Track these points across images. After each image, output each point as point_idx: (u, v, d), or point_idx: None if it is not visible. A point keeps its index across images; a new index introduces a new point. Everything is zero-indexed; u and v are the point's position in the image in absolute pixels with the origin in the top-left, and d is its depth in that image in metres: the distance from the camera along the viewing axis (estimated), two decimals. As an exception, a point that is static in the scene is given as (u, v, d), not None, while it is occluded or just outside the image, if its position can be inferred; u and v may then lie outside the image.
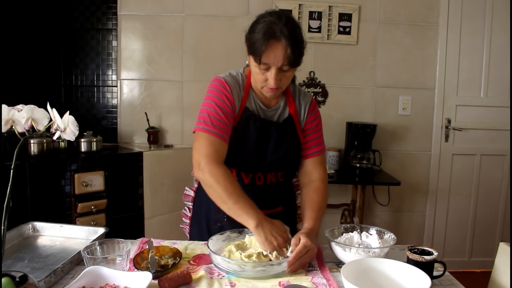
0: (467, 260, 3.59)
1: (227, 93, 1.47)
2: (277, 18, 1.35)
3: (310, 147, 1.61)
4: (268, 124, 1.53)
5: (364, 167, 3.19)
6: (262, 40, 1.33)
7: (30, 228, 1.54)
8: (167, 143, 3.34)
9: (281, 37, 1.33)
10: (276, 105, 1.57)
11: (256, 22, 1.40)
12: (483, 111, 3.43)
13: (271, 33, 1.34)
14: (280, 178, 1.59)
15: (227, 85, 1.48)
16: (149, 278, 1.10)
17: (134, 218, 2.96)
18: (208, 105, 1.46)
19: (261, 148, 1.51)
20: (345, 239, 1.42)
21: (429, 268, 1.22)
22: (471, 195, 3.53)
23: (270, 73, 1.39)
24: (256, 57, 1.36)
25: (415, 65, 3.38)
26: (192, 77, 3.30)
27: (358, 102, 3.39)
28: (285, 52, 1.34)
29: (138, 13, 3.25)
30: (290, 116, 1.57)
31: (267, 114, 1.55)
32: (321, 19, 3.26)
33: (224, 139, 1.43)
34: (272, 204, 1.44)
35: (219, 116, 1.44)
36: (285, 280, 1.22)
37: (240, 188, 1.39)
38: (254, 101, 1.54)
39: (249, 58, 1.44)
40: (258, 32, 1.35)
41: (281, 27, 1.33)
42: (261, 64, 1.37)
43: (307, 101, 1.62)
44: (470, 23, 3.34)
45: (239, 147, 1.50)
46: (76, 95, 3.31)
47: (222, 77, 1.51)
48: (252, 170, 1.54)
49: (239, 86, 1.52)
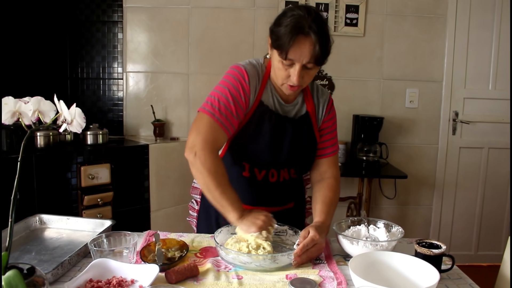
0: (474, 254, 3.58)
1: (245, 84, 1.41)
2: (307, 13, 1.30)
3: (326, 147, 1.58)
4: (284, 119, 1.48)
5: (371, 160, 3.18)
6: (290, 34, 1.27)
7: (37, 220, 1.55)
8: (173, 135, 3.33)
9: (310, 32, 1.28)
10: (295, 101, 1.53)
11: (283, 15, 1.33)
12: (491, 104, 3.40)
13: (299, 27, 1.28)
14: (293, 175, 1.56)
15: (246, 75, 1.42)
16: (156, 270, 1.09)
17: (140, 211, 2.97)
18: (220, 90, 1.40)
19: (276, 144, 1.46)
20: (352, 232, 1.41)
21: (437, 261, 1.21)
22: (478, 188, 3.51)
23: (294, 70, 1.33)
24: (282, 52, 1.30)
25: (423, 57, 3.35)
26: (198, 70, 3.29)
27: (365, 94, 3.37)
28: (313, 49, 1.29)
29: (143, 5, 3.24)
30: (307, 114, 1.53)
31: (285, 109, 1.50)
32: (328, 11, 3.23)
33: (226, 130, 1.39)
34: (284, 200, 1.42)
35: (229, 105, 1.38)
36: (292, 273, 1.21)
37: (227, 180, 1.37)
38: (272, 95, 1.48)
39: (271, 52, 1.38)
40: (285, 26, 1.29)
41: (310, 22, 1.28)
42: (286, 60, 1.31)
43: (325, 99, 1.58)
44: (479, 15, 3.30)
45: (253, 142, 1.46)
46: (82, 87, 3.31)
47: (242, 65, 1.45)
48: (266, 167, 1.50)
49: (258, 76, 1.46)
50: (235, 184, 1.42)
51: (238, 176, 1.50)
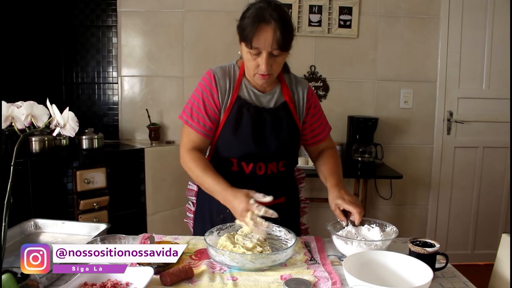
0: (470, 253, 3.58)
1: (212, 86, 1.53)
2: (267, 4, 1.40)
3: (318, 134, 1.68)
4: (262, 110, 1.56)
5: (366, 161, 3.19)
6: (252, 24, 1.38)
7: (32, 225, 1.54)
8: (168, 139, 3.33)
9: (270, 20, 1.37)
10: (272, 90, 1.59)
11: (247, 10, 1.44)
12: (485, 104, 3.42)
13: (260, 16, 1.38)
14: (281, 168, 1.60)
15: (213, 77, 1.54)
16: (150, 273, 1.10)
17: (136, 214, 2.96)
18: (192, 97, 1.56)
19: (258, 135, 1.53)
20: (347, 232, 1.42)
21: (431, 260, 1.22)
22: (474, 187, 3.52)
23: (261, 58, 1.41)
24: (247, 41, 1.39)
25: (416, 58, 3.36)
26: (193, 73, 3.29)
27: (359, 95, 3.38)
28: (274, 35, 1.37)
29: (137, 9, 3.24)
30: (285, 103, 1.59)
31: (262, 100, 1.57)
32: (322, 13, 3.25)
33: (200, 132, 1.53)
34: (273, 194, 1.43)
35: (200, 110, 1.53)
36: (287, 274, 1.22)
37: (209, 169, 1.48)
38: (246, 89, 1.56)
39: (240, 47, 1.47)
40: (248, 17, 1.40)
41: (271, 11, 1.38)
42: (252, 49, 1.40)
43: (304, 88, 1.65)
44: (471, 15, 3.32)
45: (237, 135, 1.53)
46: (77, 92, 3.30)
47: (211, 69, 1.57)
48: (253, 160, 1.55)
49: (230, 76, 1.56)
50: (225, 179, 1.51)
51: (228, 172, 1.56)
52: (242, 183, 1.44)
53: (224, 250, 1.27)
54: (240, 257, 1.24)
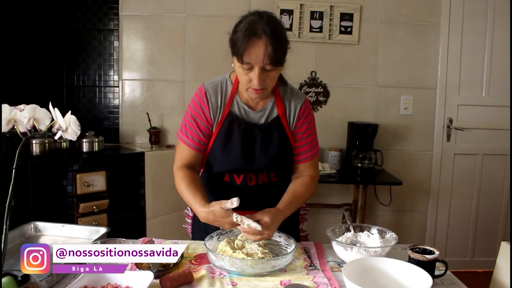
0: (469, 260, 3.58)
1: (203, 102, 1.52)
2: (259, 17, 1.36)
3: (302, 153, 1.60)
4: (252, 126, 1.53)
5: (366, 167, 3.19)
6: (243, 38, 1.33)
7: (32, 228, 1.55)
8: (168, 143, 3.34)
9: (262, 34, 1.33)
10: (264, 107, 1.56)
11: (239, 23, 1.40)
12: (485, 111, 3.42)
13: (252, 31, 1.33)
14: (273, 178, 1.59)
15: (204, 95, 1.53)
16: (150, 277, 1.10)
17: (136, 218, 2.96)
18: (187, 114, 1.57)
19: (247, 151, 1.51)
20: (346, 238, 1.42)
21: (431, 267, 1.22)
22: (473, 194, 3.52)
23: (254, 73, 1.37)
24: (238, 56, 1.36)
25: (417, 64, 3.37)
26: (194, 77, 3.30)
27: (360, 102, 3.39)
28: (266, 50, 1.32)
29: (139, 13, 3.25)
30: (278, 117, 1.55)
31: (252, 116, 1.54)
32: (323, 19, 3.26)
33: (192, 147, 1.53)
34: (265, 204, 1.42)
35: (192, 126, 1.53)
36: (286, 280, 1.22)
37: (196, 186, 1.46)
38: (238, 105, 1.54)
39: (233, 60, 1.43)
40: (240, 31, 1.36)
41: (263, 25, 1.33)
42: (243, 64, 1.36)
43: (298, 103, 1.57)
44: (472, 22, 3.33)
45: (226, 151, 1.51)
46: (78, 95, 3.31)
47: (204, 85, 1.55)
48: (243, 172, 1.54)
49: (222, 92, 1.54)
50: (218, 189, 1.55)
51: (220, 182, 1.57)
52: (235, 193, 1.43)
53: (224, 255, 1.28)
54: (240, 262, 1.24)
